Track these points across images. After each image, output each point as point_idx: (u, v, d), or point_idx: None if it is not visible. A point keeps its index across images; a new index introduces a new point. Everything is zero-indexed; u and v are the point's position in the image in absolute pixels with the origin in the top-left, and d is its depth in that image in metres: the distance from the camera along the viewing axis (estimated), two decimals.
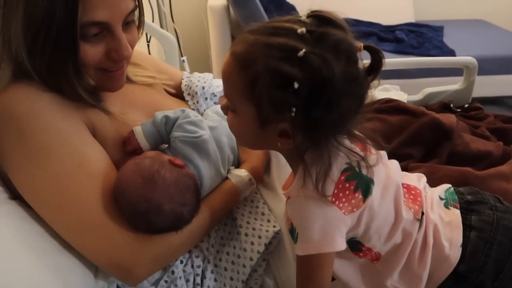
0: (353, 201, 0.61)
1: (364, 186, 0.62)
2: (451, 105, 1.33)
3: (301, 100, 0.53)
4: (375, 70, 0.59)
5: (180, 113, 0.77)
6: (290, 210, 0.64)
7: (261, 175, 0.85)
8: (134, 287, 0.72)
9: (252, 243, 0.76)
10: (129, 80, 0.85)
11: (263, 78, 0.54)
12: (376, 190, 0.64)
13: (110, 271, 0.69)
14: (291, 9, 2.60)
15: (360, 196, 0.62)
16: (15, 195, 0.73)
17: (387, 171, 0.68)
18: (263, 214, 0.80)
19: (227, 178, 0.80)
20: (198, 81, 0.96)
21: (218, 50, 2.28)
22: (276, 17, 0.60)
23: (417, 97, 1.40)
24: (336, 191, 0.60)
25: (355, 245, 0.67)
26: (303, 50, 0.52)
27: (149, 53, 1.79)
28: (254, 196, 0.83)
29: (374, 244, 0.66)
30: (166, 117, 0.76)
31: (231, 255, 0.77)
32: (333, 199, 0.60)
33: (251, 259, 0.75)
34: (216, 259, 0.78)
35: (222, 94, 0.98)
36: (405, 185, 0.70)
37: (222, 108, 0.65)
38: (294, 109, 0.54)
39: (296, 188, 0.63)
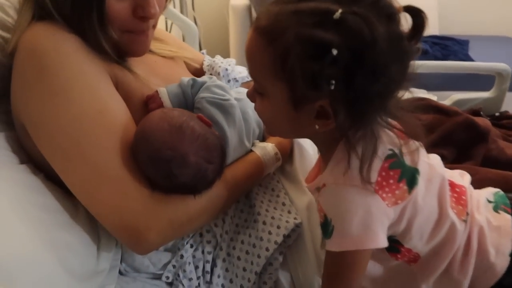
0: (397, 191, 0.54)
1: (410, 176, 0.55)
2: (481, 113, 1.26)
3: (341, 69, 0.46)
4: (418, 33, 0.51)
5: (207, 79, 0.73)
6: (325, 200, 0.57)
7: (288, 152, 0.80)
8: (142, 255, 0.66)
9: (269, 233, 0.70)
10: (151, 52, 0.82)
11: (294, 49, 0.48)
12: (420, 182, 0.57)
13: (120, 233, 0.63)
14: None
15: (405, 187, 0.55)
16: (28, 158, 0.69)
17: (429, 162, 0.61)
18: (283, 204, 0.74)
19: (251, 151, 0.75)
20: (222, 62, 0.92)
21: (238, 50, 2.25)
22: None
23: (445, 103, 1.33)
24: (379, 179, 0.53)
25: (393, 244, 0.59)
26: (339, 11, 0.46)
27: None
28: (275, 185, 0.77)
29: (414, 244, 0.59)
30: (193, 79, 0.73)
31: (246, 244, 0.71)
32: (376, 188, 0.53)
33: (267, 249, 0.69)
34: (230, 247, 0.72)
35: (244, 80, 0.96)
36: (448, 181, 0.63)
37: (249, 95, 0.59)
38: (333, 82, 0.47)
39: (333, 175, 0.55)
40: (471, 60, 2.32)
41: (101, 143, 0.62)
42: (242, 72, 0.97)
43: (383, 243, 0.54)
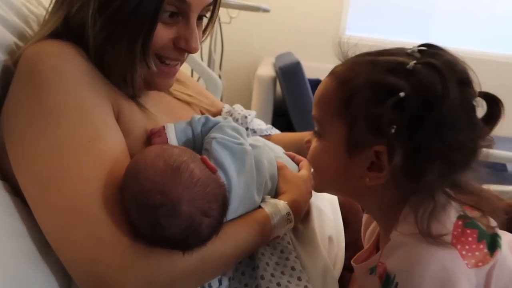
0: (477, 252, 0.47)
1: (489, 239, 0.48)
2: None
3: (405, 116, 0.46)
4: (492, 120, 0.50)
5: (222, 119, 0.66)
6: (390, 254, 0.50)
7: (301, 214, 0.68)
8: None
9: None
10: (167, 92, 0.78)
11: (362, 91, 0.48)
12: (506, 249, 0.49)
13: (87, 285, 0.52)
14: None
15: (486, 250, 0.47)
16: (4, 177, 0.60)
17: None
18: (293, 269, 0.62)
19: (259, 207, 0.64)
20: (242, 110, 0.86)
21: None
22: None
23: None
24: (455, 232, 0.47)
25: None
26: (413, 62, 0.47)
27: None
28: (285, 247, 0.66)
29: None
30: (206, 117, 0.65)
31: None
32: (454, 241, 0.47)
33: None
34: None
35: (262, 133, 0.90)
36: None
37: (307, 141, 0.58)
38: (394, 126, 0.45)
39: (401, 231, 0.49)
40: (500, 163, 2.24)
41: (83, 175, 0.53)
42: (261, 125, 0.92)
43: None
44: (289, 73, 2.12)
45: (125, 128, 0.62)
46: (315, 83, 2.54)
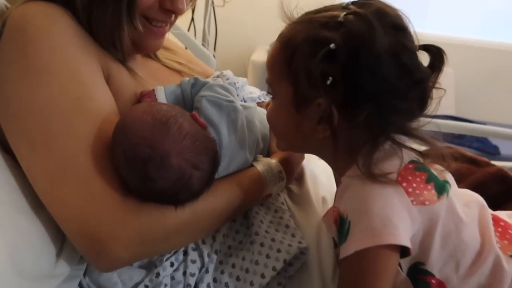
0: (425, 192, 0.49)
1: (439, 183, 0.51)
2: None
3: (339, 66, 0.48)
4: (436, 66, 0.53)
5: (211, 80, 0.66)
6: (340, 197, 0.53)
7: (294, 174, 0.68)
8: (104, 272, 0.54)
9: (267, 256, 0.58)
10: (157, 60, 0.78)
11: (301, 49, 0.50)
12: (454, 200, 0.51)
13: (79, 241, 0.52)
14: None
15: (433, 191, 0.49)
16: None
17: (463, 190, 0.57)
18: (287, 226, 0.63)
19: (252, 166, 0.64)
20: (231, 74, 0.85)
21: None
22: None
23: None
24: (403, 172, 0.50)
25: (421, 276, 0.49)
26: (343, 13, 0.49)
27: None
28: (279, 207, 0.66)
29: (448, 275, 0.49)
30: (195, 78, 0.65)
31: (237, 268, 0.58)
32: (399, 179, 0.49)
33: (262, 276, 0.56)
34: (217, 271, 0.59)
35: (255, 101, 0.89)
36: (492, 215, 0.55)
37: (266, 104, 0.60)
38: (330, 78, 0.48)
39: (349, 175, 0.53)
40: (489, 141, 2.26)
41: (73, 132, 0.53)
42: (253, 92, 0.90)
43: (405, 241, 0.46)
44: None
45: (114, 91, 0.62)
46: None
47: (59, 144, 0.52)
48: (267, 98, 0.90)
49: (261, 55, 2.31)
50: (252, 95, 0.88)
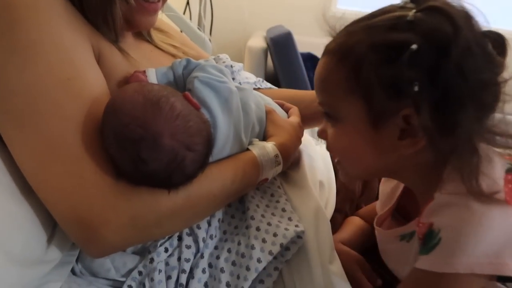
0: None
1: None
2: None
3: (423, 68, 0.42)
4: (501, 53, 0.46)
5: (204, 61, 0.63)
6: (436, 212, 0.46)
7: (290, 158, 0.67)
8: (95, 257, 0.52)
9: (264, 241, 0.57)
10: (151, 42, 0.76)
11: (368, 58, 0.44)
12: None
13: (69, 225, 0.51)
14: None
15: None
16: None
17: None
18: (283, 210, 0.61)
19: (247, 149, 0.63)
20: (227, 58, 0.83)
21: None
22: (313, 75, 0.52)
23: None
24: (506, 189, 0.43)
25: None
26: (412, 11, 0.43)
27: None
28: (275, 190, 0.65)
29: None
30: (188, 60, 0.63)
31: (233, 253, 0.57)
32: (507, 198, 0.42)
33: (258, 260, 0.55)
34: (213, 256, 0.58)
35: (251, 87, 0.87)
36: None
37: (319, 130, 0.54)
38: (416, 83, 0.42)
39: (446, 192, 0.46)
40: None
41: (62, 112, 0.51)
42: (249, 78, 0.89)
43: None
44: (281, 44, 2.08)
45: (106, 71, 0.60)
46: (306, 57, 2.50)
47: (47, 125, 0.50)
48: (262, 85, 0.88)
49: (257, 41, 2.28)
50: (248, 81, 0.86)
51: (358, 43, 0.45)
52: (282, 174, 0.68)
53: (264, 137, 0.68)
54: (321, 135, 0.54)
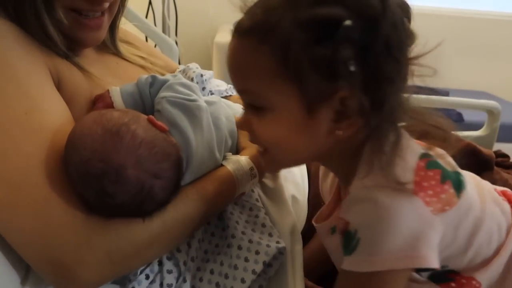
0: (442, 195, 0.43)
1: (454, 178, 0.45)
2: None
3: (355, 46, 0.39)
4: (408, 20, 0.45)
5: (171, 77, 0.61)
6: (348, 209, 0.46)
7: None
8: None
9: (246, 260, 0.56)
10: (117, 53, 0.73)
11: (295, 37, 0.40)
12: (470, 187, 0.46)
13: (43, 269, 0.48)
14: None
15: (451, 190, 0.44)
16: None
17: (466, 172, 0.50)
18: (263, 226, 0.61)
19: (221, 165, 0.62)
20: (197, 68, 0.82)
21: None
22: None
23: None
24: (417, 179, 0.43)
25: (444, 274, 0.48)
26: None
27: None
28: (254, 204, 0.64)
29: (474, 269, 0.48)
30: (153, 77, 0.61)
31: (216, 274, 0.57)
32: (416, 189, 0.42)
33: (242, 281, 0.55)
34: (195, 279, 0.57)
35: (222, 94, 0.86)
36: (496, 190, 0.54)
37: (240, 123, 0.49)
38: (352, 62, 0.39)
39: (359, 181, 0.45)
40: (456, 113, 2.31)
41: (22, 150, 0.48)
42: (220, 85, 0.87)
43: (430, 261, 0.41)
44: None
45: (68, 96, 0.57)
46: None
47: (7, 165, 0.47)
48: (234, 92, 0.87)
49: (225, 36, 2.25)
50: (219, 88, 0.85)
51: (281, 21, 0.40)
52: (259, 184, 0.67)
53: (237, 150, 0.67)
54: (244, 127, 0.48)
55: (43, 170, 0.48)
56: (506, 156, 1.21)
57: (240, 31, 0.44)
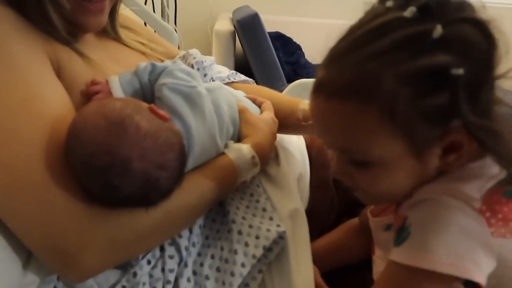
0: (511, 224, 0.43)
1: None
2: None
3: (469, 88, 0.39)
4: None
5: (170, 63, 0.61)
6: (411, 207, 0.46)
7: (267, 157, 0.67)
8: (76, 283, 0.51)
9: (246, 244, 0.57)
10: (117, 39, 0.73)
11: (402, 93, 0.39)
12: None
13: (45, 255, 0.49)
14: (297, 48, 2.57)
15: None
16: None
17: None
18: (264, 210, 0.61)
19: (223, 153, 0.62)
20: (198, 53, 0.81)
21: None
22: (282, 54, 0.46)
23: None
24: (488, 199, 0.43)
25: None
26: (438, 27, 0.38)
27: None
28: (255, 190, 0.65)
29: None
30: (152, 64, 0.60)
31: (217, 259, 0.57)
32: (483, 208, 0.42)
33: (243, 265, 0.55)
34: (196, 264, 0.58)
35: (224, 81, 0.85)
36: None
37: (339, 174, 0.49)
38: (465, 103, 0.39)
39: (429, 187, 0.46)
40: None
41: (22, 137, 0.48)
42: (221, 72, 0.87)
43: (474, 275, 0.40)
44: (248, 26, 2.04)
45: (68, 83, 0.57)
46: (274, 36, 2.47)
47: (8, 152, 0.47)
48: (236, 78, 0.86)
49: (224, 24, 2.23)
50: (221, 75, 0.85)
51: (383, 79, 0.39)
52: (261, 171, 0.67)
53: (239, 138, 0.67)
54: (344, 177, 0.49)
55: (44, 157, 0.48)
56: None
57: (329, 90, 0.43)
